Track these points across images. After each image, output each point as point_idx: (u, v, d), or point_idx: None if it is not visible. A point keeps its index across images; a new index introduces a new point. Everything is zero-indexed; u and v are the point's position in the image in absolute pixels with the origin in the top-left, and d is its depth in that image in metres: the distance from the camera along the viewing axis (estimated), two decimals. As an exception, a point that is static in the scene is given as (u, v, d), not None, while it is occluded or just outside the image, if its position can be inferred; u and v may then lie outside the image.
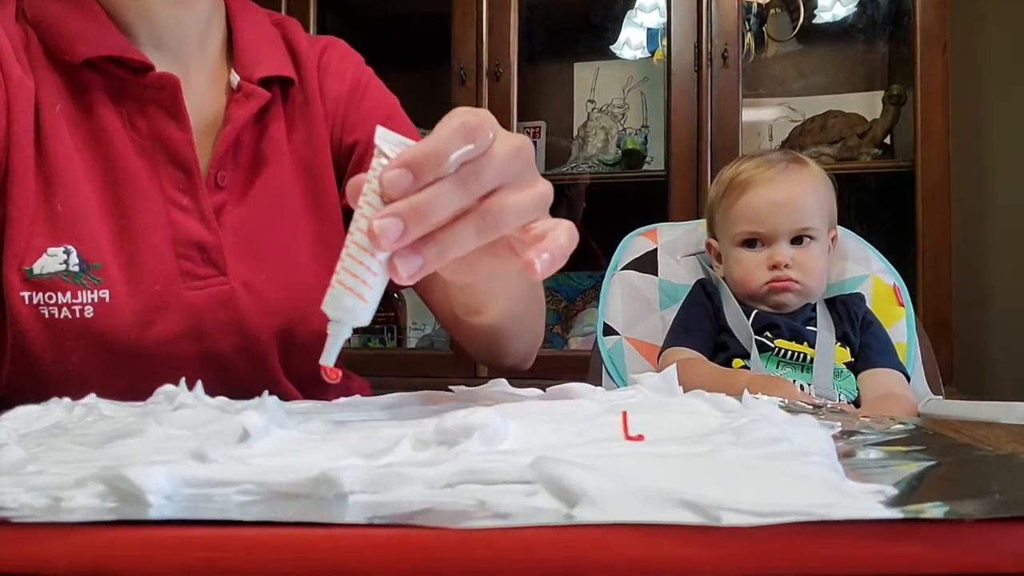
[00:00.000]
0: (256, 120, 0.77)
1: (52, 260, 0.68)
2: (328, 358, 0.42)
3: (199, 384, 0.53)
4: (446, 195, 0.41)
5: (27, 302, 0.67)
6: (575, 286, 2.15)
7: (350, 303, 0.40)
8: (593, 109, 2.19)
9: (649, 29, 2.09)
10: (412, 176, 0.40)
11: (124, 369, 0.70)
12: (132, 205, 0.71)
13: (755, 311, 1.06)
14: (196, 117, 0.74)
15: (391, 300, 2.12)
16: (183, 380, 0.55)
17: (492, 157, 0.42)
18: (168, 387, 0.54)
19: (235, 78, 0.76)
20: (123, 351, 0.69)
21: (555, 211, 0.49)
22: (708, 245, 1.15)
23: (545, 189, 0.45)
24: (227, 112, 0.75)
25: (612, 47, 2.15)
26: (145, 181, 0.71)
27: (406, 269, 0.41)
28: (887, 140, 1.92)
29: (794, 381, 0.99)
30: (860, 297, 1.11)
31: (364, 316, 0.41)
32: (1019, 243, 2.01)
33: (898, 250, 1.42)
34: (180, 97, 0.72)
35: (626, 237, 1.23)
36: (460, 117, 0.42)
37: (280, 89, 0.79)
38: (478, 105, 1.89)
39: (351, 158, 0.82)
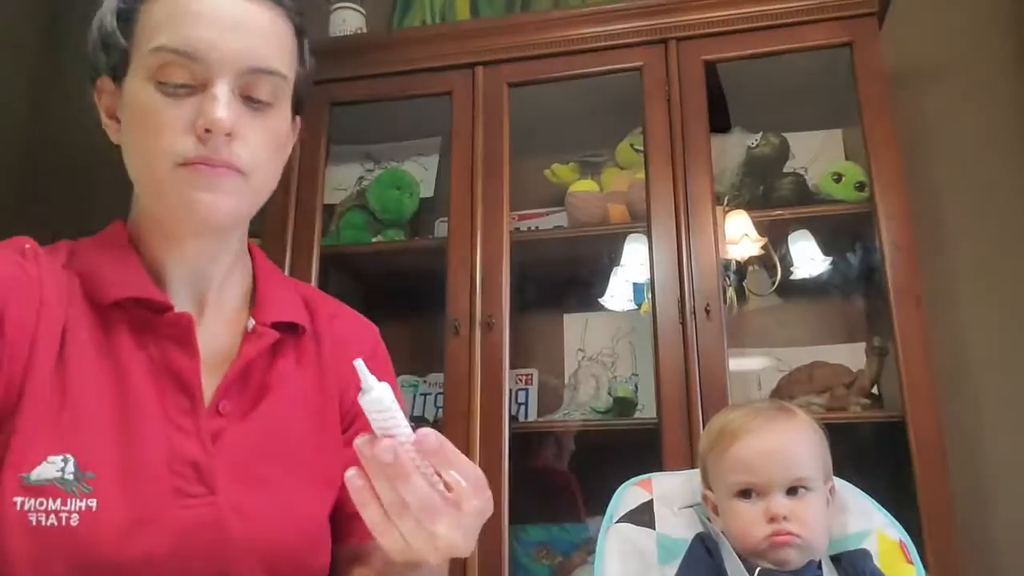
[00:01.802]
0: (266, 355, 0.83)
1: (50, 467, 0.69)
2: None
3: None
4: (422, 488, 0.59)
5: (18, 508, 0.68)
6: (570, 539, 2.05)
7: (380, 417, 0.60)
8: (583, 357, 2.24)
9: (635, 284, 2.17)
10: (439, 451, 0.60)
11: None
12: (137, 424, 0.74)
13: (758, 568, 1.01)
14: (208, 352, 0.80)
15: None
16: None
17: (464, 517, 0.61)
18: None
19: (251, 323, 0.84)
20: (104, 564, 0.68)
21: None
22: (704, 497, 1.12)
23: (465, 550, 0.62)
24: (240, 350, 0.82)
25: (600, 300, 2.22)
26: (152, 404, 0.76)
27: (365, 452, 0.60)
28: (875, 390, 1.92)
29: (805, 647, 0.92)
30: (866, 554, 1.06)
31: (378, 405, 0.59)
32: (1021, 490, 1.96)
33: (898, 501, 1.38)
34: (192, 331, 0.78)
35: (620, 488, 1.20)
36: (486, 486, 0.63)
37: (291, 332, 0.86)
38: (471, 353, 1.93)
39: (349, 429, 0.88)
